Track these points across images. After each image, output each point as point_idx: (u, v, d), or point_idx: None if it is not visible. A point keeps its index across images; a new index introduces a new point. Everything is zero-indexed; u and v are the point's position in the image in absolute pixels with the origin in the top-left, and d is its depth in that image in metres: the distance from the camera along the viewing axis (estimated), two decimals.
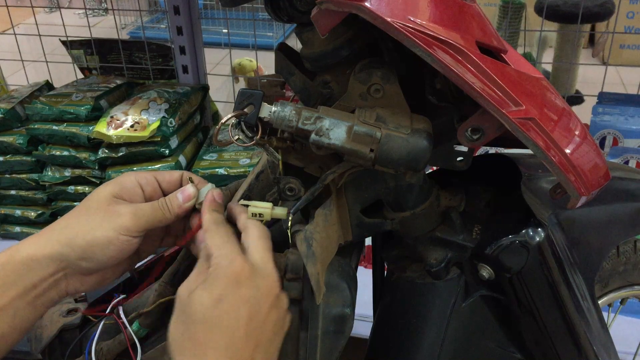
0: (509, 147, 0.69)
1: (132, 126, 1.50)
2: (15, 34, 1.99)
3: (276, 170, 0.64)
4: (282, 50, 0.65)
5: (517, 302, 0.70)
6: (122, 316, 0.69)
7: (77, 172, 1.58)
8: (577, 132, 0.58)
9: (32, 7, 1.95)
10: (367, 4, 0.50)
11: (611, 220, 0.81)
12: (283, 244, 0.62)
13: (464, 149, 0.63)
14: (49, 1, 4.37)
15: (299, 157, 0.64)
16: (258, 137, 0.59)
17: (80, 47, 1.93)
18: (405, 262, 0.75)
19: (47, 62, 2.00)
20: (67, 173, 1.59)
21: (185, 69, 1.81)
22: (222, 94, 2.59)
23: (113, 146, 1.52)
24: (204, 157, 1.60)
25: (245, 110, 0.58)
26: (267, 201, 0.63)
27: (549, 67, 2.59)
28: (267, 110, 0.58)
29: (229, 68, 2.49)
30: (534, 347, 0.73)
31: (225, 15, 3.23)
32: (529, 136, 0.53)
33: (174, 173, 0.67)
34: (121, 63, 1.89)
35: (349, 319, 0.64)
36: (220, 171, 1.53)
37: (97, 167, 1.56)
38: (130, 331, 0.68)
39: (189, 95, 1.67)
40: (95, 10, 4.27)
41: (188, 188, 0.64)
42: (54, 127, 1.57)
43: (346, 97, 0.60)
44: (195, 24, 1.76)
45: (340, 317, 0.64)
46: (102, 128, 1.51)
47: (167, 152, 1.54)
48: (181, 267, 0.70)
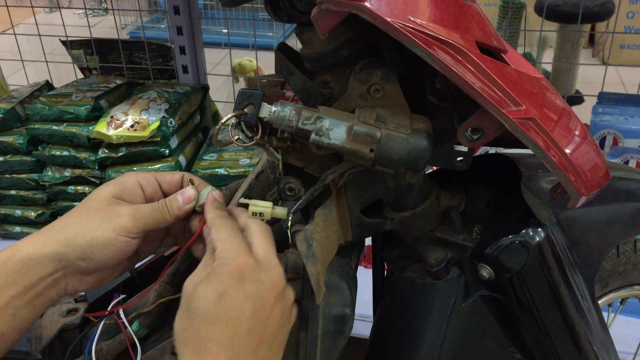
0: (509, 147, 0.69)
1: (132, 126, 1.50)
2: (15, 34, 1.99)
3: (276, 170, 0.63)
4: (282, 50, 0.65)
5: (517, 302, 0.70)
6: (122, 316, 0.69)
7: (77, 172, 1.58)
8: (577, 132, 0.58)
9: (32, 7, 1.95)
10: (367, 4, 0.50)
11: (611, 220, 0.81)
12: (283, 244, 0.62)
13: (464, 149, 0.63)
14: (49, 1, 4.38)
15: (299, 157, 0.64)
16: (258, 137, 0.59)
17: (80, 47, 1.93)
18: (405, 262, 0.75)
19: (47, 62, 2.00)
20: (67, 173, 1.59)
21: (185, 69, 1.81)
22: (222, 94, 2.59)
23: (113, 146, 1.52)
24: (204, 157, 1.60)
25: (245, 110, 0.58)
26: (267, 201, 0.63)
27: (549, 67, 2.59)
28: (267, 110, 0.58)
29: (229, 68, 2.49)
30: (534, 347, 0.73)
31: (225, 15, 3.23)
32: (529, 136, 0.53)
33: (174, 174, 0.67)
34: (121, 63, 1.89)
35: (349, 319, 0.64)
36: (220, 171, 1.53)
37: (97, 167, 1.56)
38: (130, 331, 0.68)
39: (189, 95, 1.67)
40: (95, 10, 4.27)
41: (188, 190, 0.64)
42: (54, 127, 1.57)
43: (346, 97, 0.60)
44: (195, 24, 1.76)
45: (340, 317, 0.64)
46: (102, 128, 1.51)
47: (167, 152, 1.54)
48: (181, 267, 0.70)
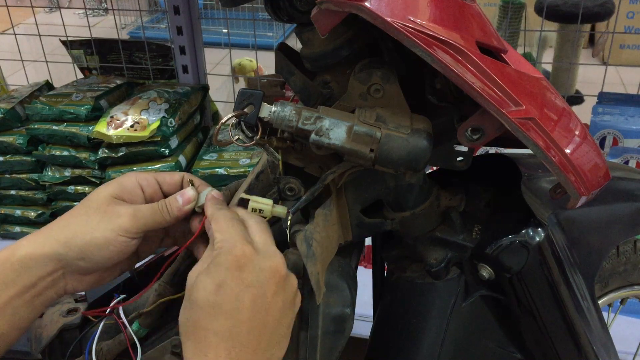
0: (509, 147, 0.69)
1: (132, 126, 1.50)
2: (15, 34, 1.99)
3: (276, 170, 0.63)
4: (282, 50, 0.65)
5: (517, 302, 0.70)
6: (122, 316, 0.69)
7: (77, 172, 1.58)
8: (577, 132, 0.58)
9: (32, 7, 1.95)
10: (367, 4, 0.50)
11: (611, 220, 0.81)
12: (283, 244, 0.62)
13: (464, 149, 0.63)
14: (49, 1, 4.37)
15: (299, 157, 0.64)
16: (258, 137, 0.59)
17: (80, 47, 1.93)
18: (405, 262, 0.75)
19: (47, 62, 2.00)
20: (67, 173, 1.59)
21: (185, 69, 1.81)
22: (222, 94, 2.59)
23: (113, 146, 1.52)
24: (204, 157, 1.60)
25: (245, 110, 0.58)
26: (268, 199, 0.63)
27: (549, 67, 2.59)
28: (267, 110, 0.58)
29: (229, 68, 2.49)
30: (534, 347, 0.73)
31: (225, 15, 3.23)
32: (529, 136, 0.53)
33: (174, 175, 0.67)
34: (121, 63, 1.89)
35: (349, 319, 0.64)
36: (220, 171, 1.53)
37: (97, 167, 1.56)
38: (130, 331, 0.68)
39: (189, 95, 1.67)
40: (95, 10, 4.26)
41: (188, 191, 0.64)
42: (54, 127, 1.57)
43: (346, 97, 0.60)
44: (195, 24, 1.76)
45: (340, 317, 0.64)
46: (102, 128, 1.51)
47: (167, 152, 1.54)
48: (181, 267, 0.70)
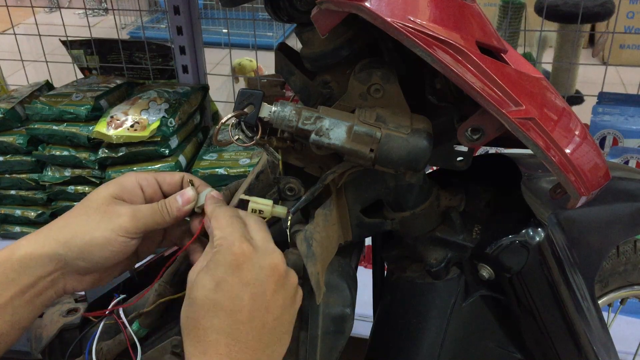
0: (509, 147, 0.69)
1: (132, 126, 1.50)
2: (15, 34, 1.99)
3: (276, 170, 0.63)
4: (282, 50, 0.65)
5: (517, 302, 0.70)
6: (122, 316, 0.69)
7: (77, 172, 1.58)
8: (577, 132, 0.58)
9: (32, 7, 1.95)
10: (367, 4, 0.50)
11: (611, 220, 0.81)
12: (283, 244, 0.62)
13: (464, 149, 0.63)
14: (49, 1, 4.37)
15: (299, 157, 0.64)
16: (258, 137, 0.59)
17: (80, 47, 1.93)
18: (405, 262, 0.75)
19: (47, 62, 2.00)
20: (67, 173, 1.59)
21: (185, 69, 1.81)
22: (222, 94, 2.59)
23: (113, 146, 1.52)
24: (204, 157, 1.60)
25: (245, 110, 0.58)
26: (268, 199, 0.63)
27: (549, 67, 2.59)
28: (267, 110, 0.58)
29: (229, 68, 2.49)
30: (534, 347, 0.73)
31: (225, 15, 3.23)
32: (529, 136, 0.53)
33: (174, 175, 0.67)
34: (121, 63, 1.89)
35: (349, 319, 0.64)
36: (220, 171, 1.53)
37: (97, 167, 1.56)
38: (130, 331, 0.68)
39: (189, 95, 1.67)
40: (95, 10, 4.27)
41: (188, 191, 0.64)
42: (54, 127, 1.57)
43: (346, 97, 0.60)
44: (195, 24, 1.76)
45: (340, 317, 0.64)
46: (102, 128, 1.51)
47: (167, 152, 1.54)
48: (181, 267, 0.70)
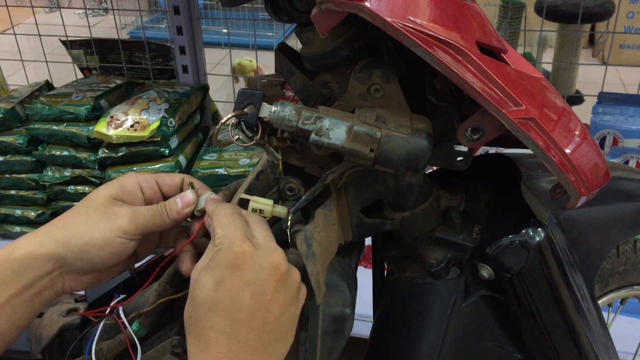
0: (509, 147, 0.69)
1: (132, 126, 1.50)
2: (15, 34, 1.99)
3: (276, 170, 0.63)
4: (282, 50, 0.65)
5: (517, 302, 0.70)
6: (122, 316, 0.69)
7: (77, 172, 1.58)
8: (577, 132, 0.58)
9: (32, 7, 1.95)
10: (367, 4, 0.50)
11: (611, 220, 0.80)
12: (283, 244, 0.62)
13: (464, 149, 0.63)
14: (49, 1, 4.37)
15: (299, 157, 0.64)
16: (258, 137, 0.59)
17: (80, 47, 1.93)
18: (405, 262, 0.75)
19: (47, 62, 2.00)
20: (67, 173, 1.59)
21: (185, 69, 1.81)
22: (222, 94, 2.59)
23: (113, 146, 1.52)
24: (204, 157, 1.60)
25: (245, 110, 0.58)
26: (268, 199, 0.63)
27: (549, 67, 2.59)
28: (267, 110, 0.58)
29: (229, 68, 2.49)
30: (534, 347, 0.73)
31: (225, 15, 3.23)
32: (529, 136, 0.53)
33: (175, 177, 0.67)
34: (121, 63, 1.89)
35: (349, 319, 0.64)
36: (220, 171, 1.53)
37: (97, 167, 1.56)
38: (130, 331, 0.68)
39: (189, 95, 1.67)
40: (95, 10, 4.27)
41: (187, 194, 0.64)
42: (54, 127, 1.57)
43: (346, 97, 0.60)
44: (195, 24, 1.76)
45: (340, 317, 0.64)
46: (102, 128, 1.51)
47: (167, 152, 1.54)
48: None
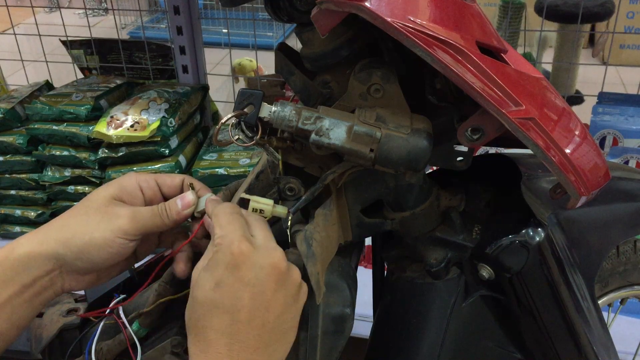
0: (509, 147, 0.69)
1: (132, 126, 1.50)
2: (15, 34, 1.99)
3: (276, 170, 0.63)
4: (282, 50, 0.65)
5: (517, 302, 0.70)
6: (122, 316, 0.69)
7: (77, 172, 1.58)
8: (577, 132, 0.58)
9: (32, 7, 1.95)
10: (367, 4, 0.50)
11: (611, 220, 0.80)
12: (283, 244, 0.62)
13: (464, 149, 0.63)
14: (49, 1, 4.38)
15: (299, 157, 0.64)
16: (258, 137, 0.59)
17: (80, 47, 1.92)
18: (405, 262, 0.75)
19: (47, 62, 2.00)
20: (67, 173, 1.59)
21: (185, 69, 1.81)
22: (222, 94, 2.59)
23: (113, 146, 1.52)
24: (204, 157, 1.60)
25: (245, 110, 0.58)
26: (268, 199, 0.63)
27: (549, 67, 2.59)
28: (267, 110, 0.58)
29: (229, 68, 2.49)
30: (534, 347, 0.73)
31: (225, 15, 3.23)
32: (529, 136, 0.53)
33: (175, 177, 0.67)
34: (121, 63, 1.89)
35: (349, 319, 0.64)
36: (220, 171, 1.53)
37: (97, 167, 1.56)
38: (130, 331, 0.68)
39: (189, 95, 1.67)
40: (95, 10, 4.27)
41: (188, 195, 0.64)
42: (54, 127, 1.57)
43: (346, 97, 0.60)
44: (195, 24, 1.76)
45: (340, 317, 0.64)
46: (102, 128, 1.51)
47: (167, 152, 1.54)
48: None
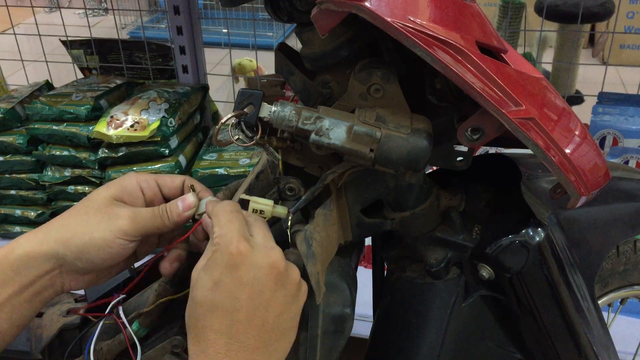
0: (509, 147, 0.69)
1: (132, 126, 1.50)
2: (15, 34, 1.99)
3: (276, 170, 0.63)
4: (282, 50, 0.65)
5: (517, 302, 0.70)
6: (122, 316, 0.69)
7: (77, 172, 1.58)
8: (577, 132, 0.58)
9: (32, 7, 1.95)
10: (367, 4, 0.50)
11: (611, 220, 0.80)
12: (283, 244, 0.62)
13: (464, 149, 0.63)
14: (49, 1, 4.38)
15: (299, 157, 0.64)
16: (258, 137, 0.59)
17: (80, 47, 1.92)
18: (405, 262, 0.75)
19: (47, 62, 2.00)
20: (67, 173, 1.59)
21: (185, 69, 1.81)
22: (222, 94, 2.59)
23: (113, 146, 1.52)
24: (204, 157, 1.60)
25: (245, 110, 0.58)
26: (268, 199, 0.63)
27: (549, 67, 2.59)
28: (267, 110, 0.58)
29: (229, 68, 2.49)
30: (534, 347, 0.73)
31: (225, 15, 3.23)
32: (529, 136, 0.53)
33: (175, 178, 0.66)
34: (121, 63, 1.89)
35: (349, 319, 0.64)
36: (220, 171, 1.53)
37: (97, 167, 1.56)
38: (130, 331, 0.68)
39: (189, 95, 1.67)
40: (95, 10, 4.27)
41: (189, 197, 0.64)
42: (54, 127, 1.57)
43: (346, 97, 0.60)
44: (195, 24, 1.76)
45: (340, 317, 0.64)
46: (102, 128, 1.51)
47: (167, 152, 1.54)
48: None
